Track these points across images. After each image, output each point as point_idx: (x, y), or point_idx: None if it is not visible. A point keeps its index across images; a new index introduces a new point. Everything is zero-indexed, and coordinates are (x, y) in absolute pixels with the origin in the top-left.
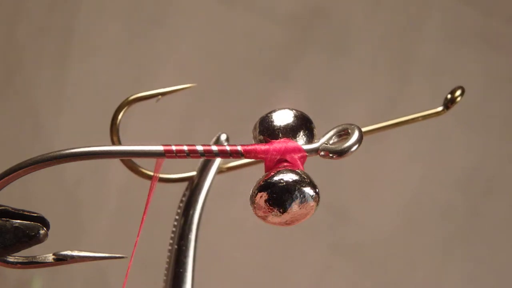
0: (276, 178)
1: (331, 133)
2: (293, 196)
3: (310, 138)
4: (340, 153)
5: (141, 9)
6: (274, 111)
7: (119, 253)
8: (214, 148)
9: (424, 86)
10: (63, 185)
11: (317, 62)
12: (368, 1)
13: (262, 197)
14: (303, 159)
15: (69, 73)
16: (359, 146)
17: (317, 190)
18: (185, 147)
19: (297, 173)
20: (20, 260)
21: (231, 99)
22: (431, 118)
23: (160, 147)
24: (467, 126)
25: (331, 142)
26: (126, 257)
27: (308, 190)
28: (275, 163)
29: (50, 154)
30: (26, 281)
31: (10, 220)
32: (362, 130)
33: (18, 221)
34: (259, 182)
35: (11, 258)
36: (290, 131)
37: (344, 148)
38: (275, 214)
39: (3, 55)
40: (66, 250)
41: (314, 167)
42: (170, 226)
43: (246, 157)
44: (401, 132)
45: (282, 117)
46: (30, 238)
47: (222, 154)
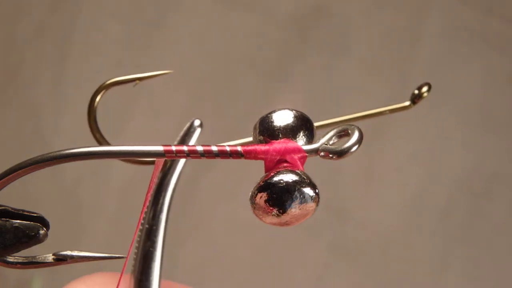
0: (276, 179)
1: (331, 133)
2: (293, 196)
3: (310, 139)
4: (340, 154)
5: (141, 9)
6: (274, 111)
7: (119, 253)
8: (214, 148)
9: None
10: (63, 185)
11: (317, 62)
12: (368, 1)
13: (262, 197)
14: (303, 159)
15: (69, 73)
16: (359, 146)
17: (317, 191)
18: (185, 147)
19: (297, 174)
20: (20, 260)
21: (231, 99)
22: (399, 112)
23: (160, 147)
24: (467, 126)
25: (331, 142)
26: (125, 257)
27: (308, 191)
28: (275, 164)
29: (50, 154)
30: (26, 281)
31: (10, 220)
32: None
33: (18, 221)
34: (259, 183)
35: (11, 258)
36: (290, 132)
37: (344, 149)
38: (275, 214)
39: (3, 55)
40: (66, 250)
41: (314, 167)
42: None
43: (246, 158)
44: (401, 132)
45: (282, 118)
46: (30, 238)
47: (222, 154)
